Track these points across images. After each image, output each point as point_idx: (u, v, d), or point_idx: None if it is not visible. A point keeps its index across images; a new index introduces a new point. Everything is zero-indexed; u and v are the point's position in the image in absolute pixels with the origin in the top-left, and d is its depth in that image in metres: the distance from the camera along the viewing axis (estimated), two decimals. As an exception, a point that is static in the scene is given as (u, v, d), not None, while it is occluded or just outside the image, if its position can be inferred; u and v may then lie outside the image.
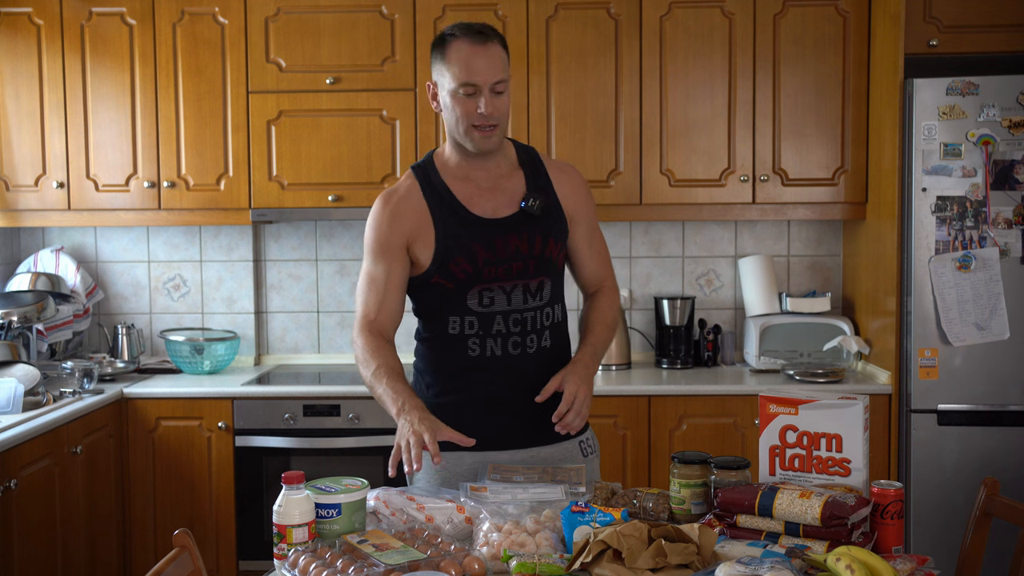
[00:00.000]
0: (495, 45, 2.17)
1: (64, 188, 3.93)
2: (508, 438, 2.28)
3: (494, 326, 2.23)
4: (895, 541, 1.84)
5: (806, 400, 2.00)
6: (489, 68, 2.15)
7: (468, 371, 2.26)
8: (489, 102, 2.15)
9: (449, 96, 2.18)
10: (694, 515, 2.01)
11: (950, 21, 3.48)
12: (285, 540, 1.86)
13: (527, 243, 2.24)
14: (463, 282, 2.22)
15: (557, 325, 2.32)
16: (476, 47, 2.15)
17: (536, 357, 2.26)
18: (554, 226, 2.29)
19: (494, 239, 2.22)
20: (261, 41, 3.85)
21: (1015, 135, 3.36)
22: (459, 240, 2.21)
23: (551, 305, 2.30)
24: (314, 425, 3.66)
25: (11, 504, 2.96)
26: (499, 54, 2.18)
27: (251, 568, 3.70)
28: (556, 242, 2.29)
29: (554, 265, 2.30)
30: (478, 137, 2.19)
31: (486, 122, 2.17)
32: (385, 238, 2.25)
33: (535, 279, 2.25)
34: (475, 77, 2.14)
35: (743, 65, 3.79)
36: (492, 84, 2.15)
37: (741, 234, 4.19)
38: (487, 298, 2.23)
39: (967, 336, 3.40)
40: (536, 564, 1.72)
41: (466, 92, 2.15)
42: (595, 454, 2.40)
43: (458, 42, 2.16)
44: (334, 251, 4.25)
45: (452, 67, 2.15)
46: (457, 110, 2.17)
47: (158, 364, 4.12)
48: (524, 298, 2.24)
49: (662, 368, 4.01)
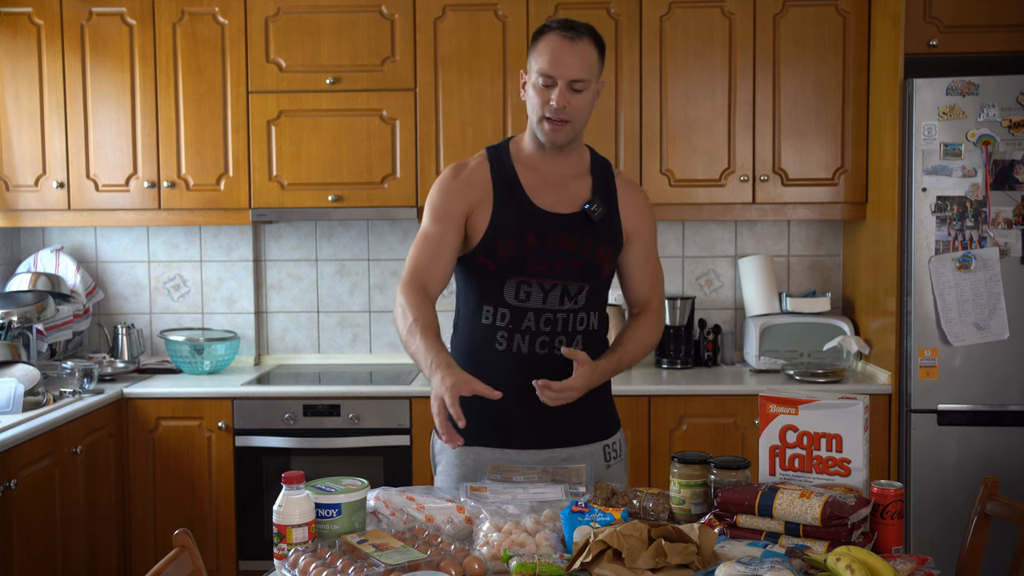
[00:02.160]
0: (586, 43, 2.18)
1: (64, 188, 3.93)
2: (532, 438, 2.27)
3: (524, 322, 2.23)
4: (895, 541, 1.84)
5: (806, 400, 2.00)
6: (571, 64, 2.16)
7: (494, 363, 2.25)
8: (562, 96, 2.17)
9: (531, 84, 2.22)
10: (694, 515, 2.01)
11: (950, 21, 3.48)
12: (285, 540, 1.86)
13: (576, 243, 2.23)
14: (507, 266, 2.21)
15: (592, 333, 2.30)
16: (565, 41, 2.17)
17: (563, 360, 2.19)
18: (609, 235, 2.29)
19: (546, 230, 2.22)
20: (261, 41, 3.85)
21: (1015, 135, 3.36)
22: (512, 223, 2.22)
23: (587, 311, 2.28)
24: (314, 425, 3.66)
25: (11, 504, 2.96)
26: (588, 53, 2.18)
27: (251, 568, 3.70)
28: (606, 250, 2.28)
29: (599, 273, 2.28)
30: (548, 129, 2.21)
31: (557, 116, 2.18)
32: (448, 203, 2.26)
33: (576, 282, 2.25)
34: (555, 69, 2.16)
35: (743, 65, 3.79)
36: (570, 80, 2.17)
37: (741, 234, 4.19)
38: (523, 292, 2.22)
39: (967, 336, 3.40)
40: (536, 564, 1.72)
41: (545, 83, 2.18)
42: (619, 459, 2.37)
43: (551, 34, 2.19)
44: (334, 251, 4.25)
45: (538, 57, 2.19)
46: (535, 99, 2.20)
47: (158, 364, 4.12)
48: (561, 299, 2.24)
49: (662, 368, 4.01)
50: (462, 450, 2.23)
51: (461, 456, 2.27)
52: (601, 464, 2.32)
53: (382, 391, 3.66)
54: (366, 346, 4.27)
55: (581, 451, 2.30)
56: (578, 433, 2.29)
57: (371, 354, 4.27)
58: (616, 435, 2.38)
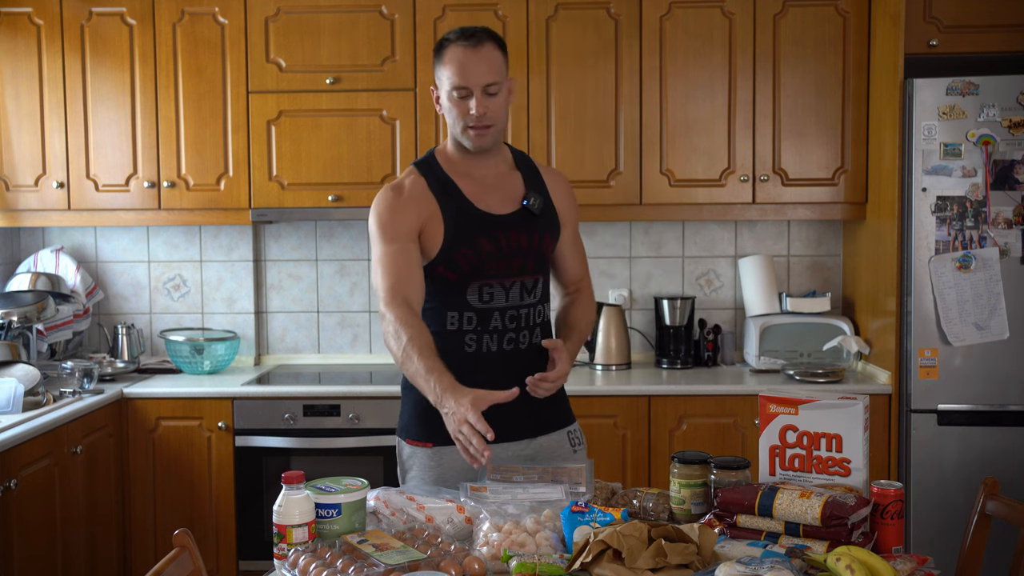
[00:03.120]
0: (488, 47, 2.24)
1: (64, 188, 3.93)
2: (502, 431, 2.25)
3: (491, 322, 2.29)
4: (895, 541, 1.84)
5: (806, 400, 2.00)
6: (480, 71, 2.22)
7: (464, 366, 2.25)
8: (481, 103, 2.23)
9: (446, 98, 2.27)
10: (694, 515, 2.01)
11: (950, 21, 3.48)
12: (285, 540, 1.86)
13: (527, 239, 2.32)
14: (466, 274, 2.27)
15: (546, 323, 2.42)
16: (468, 51, 2.22)
17: (528, 353, 2.33)
18: (551, 224, 2.39)
19: (498, 234, 2.29)
20: (261, 41, 3.85)
21: (1015, 135, 3.36)
22: (466, 232, 2.28)
23: (542, 303, 2.39)
24: (314, 425, 3.66)
25: (11, 504, 2.96)
26: (492, 56, 2.25)
27: (251, 568, 3.70)
28: (551, 238, 2.39)
29: (547, 262, 2.40)
30: (473, 135, 2.27)
31: (479, 123, 2.25)
32: (398, 221, 2.29)
33: (532, 276, 2.34)
34: (466, 80, 2.22)
35: (743, 65, 3.79)
36: (484, 86, 2.23)
37: (741, 234, 4.19)
38: (487, 294, 2.29)
39: (967, 336, 3.40)
40: (536, 564, 1.72)
41: (460, 95, 2.24)
42: (582, 446, 2.46)
43: (452, 46, 2.24)
44: (334, 251, 4.25)
45: (446, 70, 2.25)
46: (453, 111, 2.26)
47: (158, 364, 4.12)
48: (521, 295, 2.32)
49: (662, 368, 4.01)
50: (435, 451, 2.30)
51: (435, 458, 2.30)
52: (568, 450, 2.39)
53: (382, 391, 3.65)
54: (366, 346, 4.27)
55: (549, 439, 2.38)
56: (544, 423, 2.38)
57: (371, 354, 4.27)
58: (575, 423, 2.47)
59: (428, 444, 2.31)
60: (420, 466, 2.32)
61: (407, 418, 2.37)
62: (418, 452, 2.32)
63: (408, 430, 2.37)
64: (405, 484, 2.36)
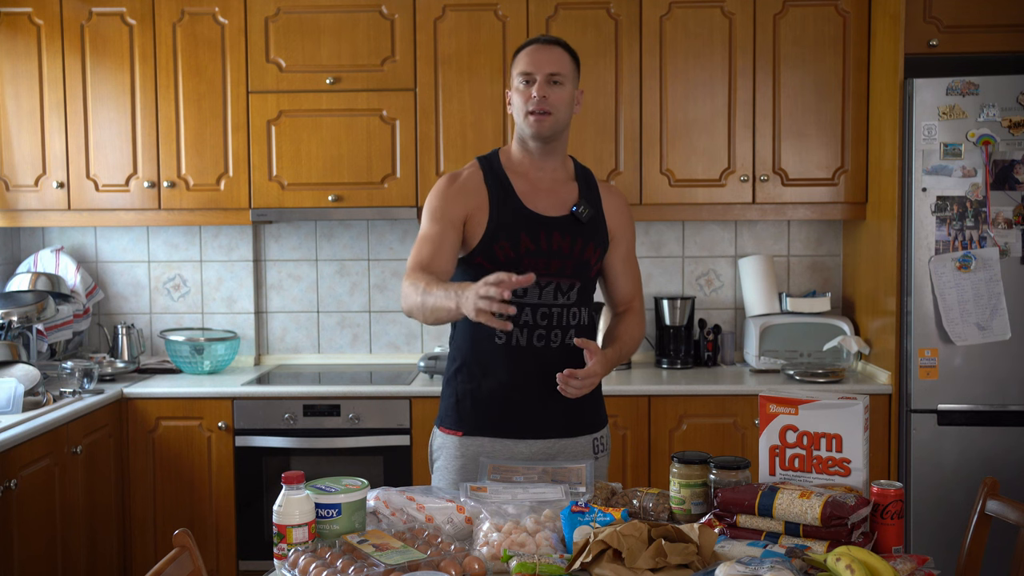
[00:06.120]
0: (559, 50, 2.37)
1: (64, 188, 3.93)
2: (528, 428, 2.38)
3: (522, 316, 2.33)
4: (895, 541, 1.84)
5: (806, 400, 2.00)
6: (546, 60, 2.34)
7: (493, 358, 2.35)
8: (542, 87, 2.32)
9: (514, 91, 2.38)
10: (694, 515, 2.01)
11: (950, 21, 3.48)
12: (285, 540, 1.86)
13: (569, 244, 2.37)
14: (502, 266, 2.29)
15: (583, 327, 2.42)
16: (540, 46, 2.37)
17: (559, 351, 2.35)
18: (596, 235, 2.43)
19: (539, 233, 2.35)
20: (261, 41, 3.85)
21: (1015, 135, 3.36)
22: (509, 226, 2.34)
23: (578, 306, 2.40)
24: (314, 425, 3.66)
25: (11, 504, 2.96)
26: (561, 56, 2.36)
27: (251, 568, 3.70)
28: (595, 248, 2.42)
29: (589, 270, 2.43)
30: (532, 120, 2.34)
31: (539, 107, 2.32)
32: (446, 206, 2.37)
33: (569, 279, 2.37)
34: (532, 67, 2.34)
35: (743, 65, 3.79)
36: (548, 74, 2.33)
37: (741, 234, 4.19)
38: (520, 289, 2.30)
39: (969, 336, 3.40)
40: (536, 564, 1.72)
41: (525, 80, 2.35)
42: (605, 452, 2.50)
43: (527, 47, 2.39)
44: (334, 251, 4.25)
45: (517, 66, 2.38)
46: (517, 100, 2.36)
47: (158, 364, 4.12)
48: (555, 295, 2.36)
49: (662, 368, 4.01)
50: (461, 441, 2.38)
51: (461, 448, 2.38)
52: (590, 456, 2.43)
53: (382, 391, 3.66)
54: (366, 346, 4.27)
55: (573, 443, 2.42)
56: (572, 425, 2.41)
57: (371, 354, 4.27)
58: (604, 429, 2.51)
59: (459, 432, 2.39)
60: (447, 455, 2.40)
61: (444, 409, 2.46)
62: (448, 441, 2.40)
63: (443, 419, 2.45)
64: (433, 474, 2.46)
